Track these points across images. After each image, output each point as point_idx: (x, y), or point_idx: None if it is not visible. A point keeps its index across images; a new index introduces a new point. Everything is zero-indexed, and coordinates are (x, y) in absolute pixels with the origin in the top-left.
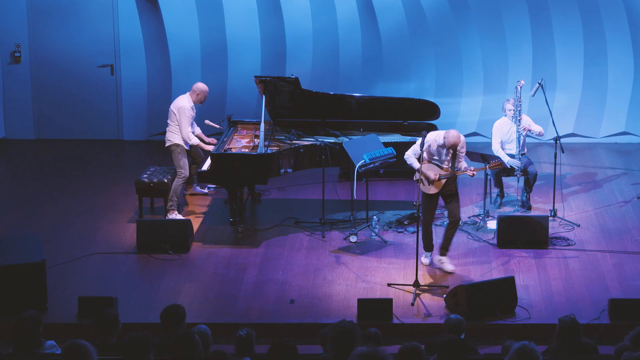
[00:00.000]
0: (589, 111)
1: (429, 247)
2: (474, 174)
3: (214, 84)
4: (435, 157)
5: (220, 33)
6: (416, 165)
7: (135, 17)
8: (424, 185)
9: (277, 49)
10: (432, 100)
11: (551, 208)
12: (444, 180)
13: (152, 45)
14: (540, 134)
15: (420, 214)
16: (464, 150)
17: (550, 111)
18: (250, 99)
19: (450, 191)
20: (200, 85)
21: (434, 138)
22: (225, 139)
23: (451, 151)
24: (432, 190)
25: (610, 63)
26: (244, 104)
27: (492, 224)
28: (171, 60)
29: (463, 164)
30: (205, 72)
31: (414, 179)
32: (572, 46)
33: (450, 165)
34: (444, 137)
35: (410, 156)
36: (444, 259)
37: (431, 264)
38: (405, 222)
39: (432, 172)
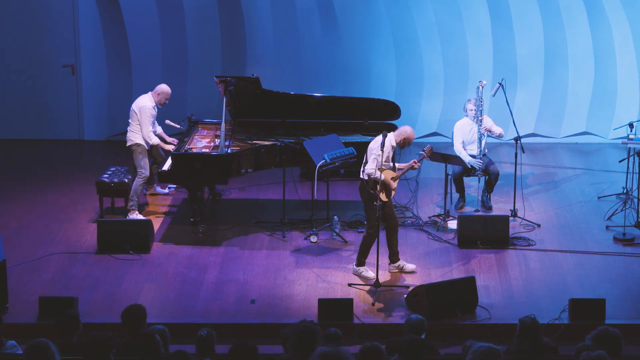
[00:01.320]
0: (550, 111)
1: (364, 262)
2: (419, 165)
3: (175, 84)
4: (385, 162)
5: (181, 33)
6: (380, 177)
7: (96, 17)
8: (382, 195)
9: (237, 49)
10: (392, 100)
11: (512, 208)
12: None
13: (113, 45)
14: (500, 136)
15: (368, 228)
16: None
17: (510, 111)
18: (211, 99)
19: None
20: (164, 87)
21: (387, 144)
22: (186, 139)
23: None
24: (386, 196)
25: (571, 63)
26: (204, 104)
27: (452, 224)
28: (132, 60)
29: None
30: (166, 71)
31: (375, 190)
32: (533, 46)
33: (392, 165)
34: (401, 137)
35: (374, 170)
36: (400, 263)
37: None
38: (366, 222)
39: (391, 178)
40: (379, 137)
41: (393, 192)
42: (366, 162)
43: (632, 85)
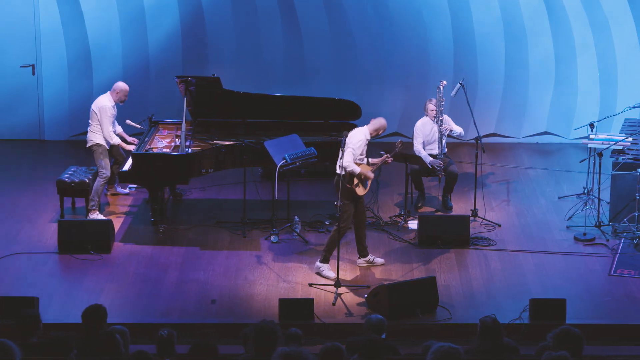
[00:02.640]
0: (510, 111)
1: (329, 258)
2: (391, 160)
3: (136, 84)
4: (360, 156)
5: (141, 32)
6: (357, 170)
7: (56, 17)
8: (359, 187)
9: (198, 48)
10: (353, 100)
11: (472, 208)
12: None
13: (74, 45)
14: (460, 135)
15: (341, 222)
16: None
17: (471, 111)
18: (172, 99)
19: None
20: (121, 85)
21: (362, 137)
22: (146, 139)
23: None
24: (363, 191)
25: (532, 63)
26: (165, 104)
27: (413, 224)
28: (92, 60)
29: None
30: (126, 71)
31: (349, 185)
32: (494, 46)
33: (366, 160)
34: (376, 130)
35: (350, 163)
36: (370, 257)
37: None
38: (327, 222)
39: (368, 171)
40: (354, 132)
41: (369, 185)
42: (341, 157)
43: (593, 85)
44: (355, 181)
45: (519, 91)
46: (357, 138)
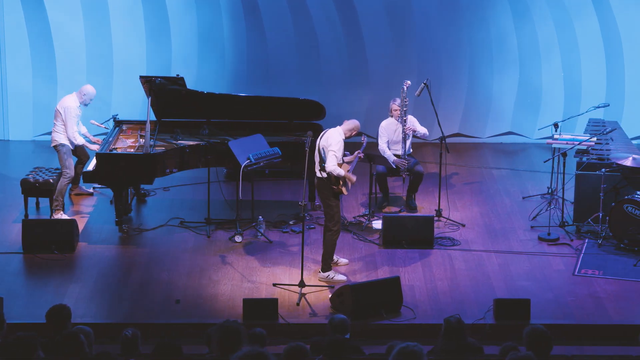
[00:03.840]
0: (475, 111)
1: (330, 265)
2: (363, 154)
3: (100, 84)
4: (340, 157)
5: (106, 32)
6: (342, 172)
7: (20, 16)
8: (344, 188)
9: (162, 48)
10: (317, 100)
11: (436, 208)
12: None
13: (38, 45)
14: (425, 135)
15: (332, 226)
16: None
17: (435, 111)
18: (136, 99)
19: None
20: (89, 88)
21: (340, 138)
22: (110, 139)
23: None
24: (347, 191)
25: (496, 63)
26: (129, 104)
27: (377, 224)
28: (56, 60)
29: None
30: (90, 71)
31: (336, 187)
32: (458, 46)
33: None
34: (347, 130)
35: (335, 166)
36: (334, 257)
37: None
38: (291, 222)
39: (351, 174)
40: (330, 134)
41: (350, 186)
42: (322, 161)
43: (557, 85)
44: (341, 182)
45: (483, 91)
46: (336, 140)
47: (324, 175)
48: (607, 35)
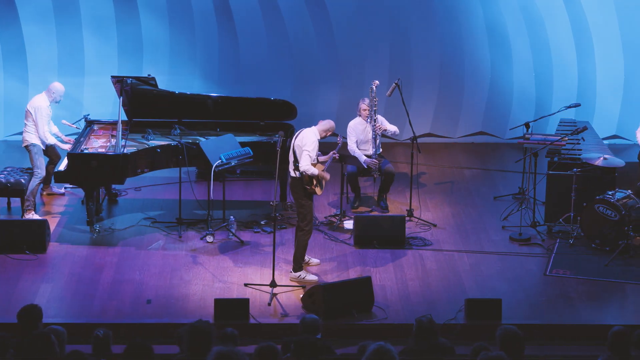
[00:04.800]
0: (446, 111)
1: (302, 265)
2: (338, 155)
3: (71, 84)
4: (314, 157)
5: (77, 31)
6: (316, 172)
7: None
8: (318, 188)
9: (134, 48)
10: (288, 100)
11: (408, 208)
12: None
13: (8, 45)
14: (395, 134)
15: (304, 226)
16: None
17: (406, 111)
18: (108, 99)
19: None
20: (57, 85)
21: (314, 138)
22: (82, 139)
23: None
24: (321, 191)
25: (467, 63)
26: (101, 104)
27: (348, 224)
28: (27, 60)
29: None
30: (61, 71)
31: (309, 187)
32: (429, 46)
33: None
34: (323, 130)
35: (309, 166)
36: (306, 258)
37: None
38: (262, 222)
39: (325, 172)
40: (304, 134)
41: (324, 185)
42: (296, 161)
43: (528, 84)
44: (314, 182)
45: (455, 91)
46: (311, 140)
47: (298, 174)
48: (578, 35)
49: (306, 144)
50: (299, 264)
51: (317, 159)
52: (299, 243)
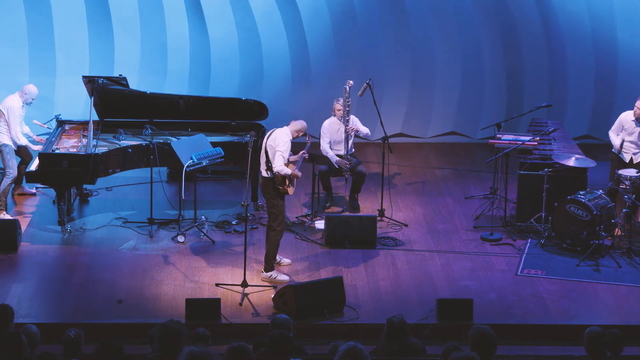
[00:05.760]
0: (417, 111)
1: (273, 265)
2: (307, 155)
3: (42, 84)
4: (287, 157)
5: (49, 32)
6: (289, 172)
7: None
8: (290, 188)
9: (105, 48)
10: (260, 100)
11: (379, 208)
12: None
13: None
14: (367, 135)
15: (277, 226)
16: None
17: (378, 111)
18: (79, 99)
19: None
20: (31, 87)
21: (287, 138)
22: (53, 139)
23: None
24: (293, 190)
25: (438, 64)
26: (72, 104)
27: (320, 224)
28: None
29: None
30: (33, 71)
31: (282, 187)
32: (400, 46)
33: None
34: (294, 130)
35: (283, 167)
36: (277, 258)
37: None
38: (234, 222)
39: (297, 171)
40: (277, 134)
41: (295, 184)
42: (268, 161)
43: (500, 85)
44: (287, 182)
45: (426, 91)
46: (284, 140)
47: (270, 174)
48: (549, 36)
49: (279, 144)
50: (270, 263)
51: (288, 159)
52: (270, 243)
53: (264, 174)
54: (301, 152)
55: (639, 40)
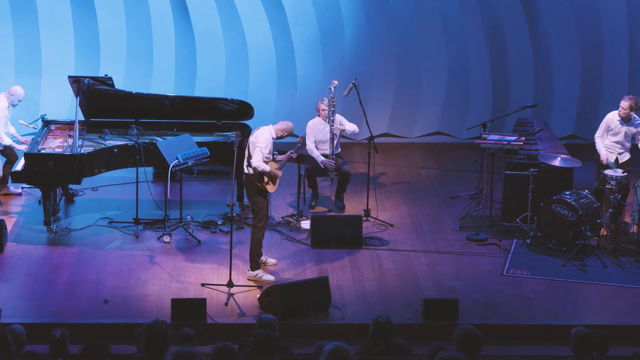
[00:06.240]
0: (403, 111)
1: (259, 263)
2: (296, 155)
3: (28, 84)
4: (268, 155)
5: (34, 32)
6: (267, 168)
7: None
8: (270, 185)
9: (91, 48)
10: (245, 100)
11: (365, 208)
12: None
13: None
14: (354, 132)
15: (257, 222)
16: None
17: (364, 111)
18: (65, 99)
19: None
20: (17, 89)
21: (269, 135)
22: (39, 139)
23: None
24: (273, 188)
25: (424, 64)
26: (58, 104)
27: (305, 224)
28: None
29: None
30: (19, 70)
31: (260, 184)
32: (386, 47)
33: (272, 157)
34: (280, 130)
35: (260, 162)
36: (263, 257)
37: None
38: (219, 222)
39: (276, 170)
40: (260, 131)
41: (277, 183)
42: (249, 157)
43: (485, 85)
44: (266, 179)
45: (412, 91)
46: (264, 137)
47: (251, 171)
48: (535, 36)
49: (260, 140)
50: (255, 262)
51: (273, 157)
52: (252, 240)
53: (246, 170)
54: (289, 151)
55: (624, 40)
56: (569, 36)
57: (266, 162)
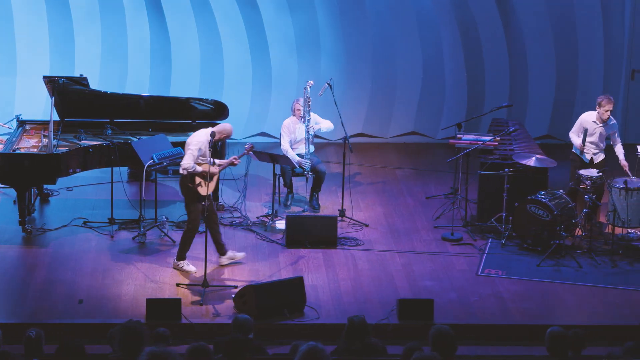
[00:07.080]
0: (378, 111)
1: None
2: (239, 161)
3: (2, 84)
4: (202, 157)
5: (9, 31)
6: (199, 169)
7: None
8: (202, 187)
9: (66, 48)
10: (220, 100)
11: (340, 208)
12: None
13: None
14: (329, 129)
15: (189, 223)
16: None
17: (338, 111)
18: (40, 99)
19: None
20: None
21: (203, 138)
22: (14, 139)
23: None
24: (206, 191)
25: (399, 64)
26: (33, 104)
27: (280, 224)
28: None
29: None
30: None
31: (192, 185)
32: (361, 46)
33: (212, 161)
34: (218, 132)
35: (189, 164)
36: (230, 253)
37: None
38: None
39: (210, 172)
40: (196, 133)
41: (212, 186)
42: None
43: (460, 85)
44: (198, 180)
45: (387, 91)
46: (197, 139)
47: (185, 172)
48: (510, 35)
49: (191, 142)
50: (181, 253)
51: (214, 160)
52: (181, 237)
53: (180, 171)
54: (232, 157)
55: (599, 40)
56: (544, 36)
57: (199, 164)
